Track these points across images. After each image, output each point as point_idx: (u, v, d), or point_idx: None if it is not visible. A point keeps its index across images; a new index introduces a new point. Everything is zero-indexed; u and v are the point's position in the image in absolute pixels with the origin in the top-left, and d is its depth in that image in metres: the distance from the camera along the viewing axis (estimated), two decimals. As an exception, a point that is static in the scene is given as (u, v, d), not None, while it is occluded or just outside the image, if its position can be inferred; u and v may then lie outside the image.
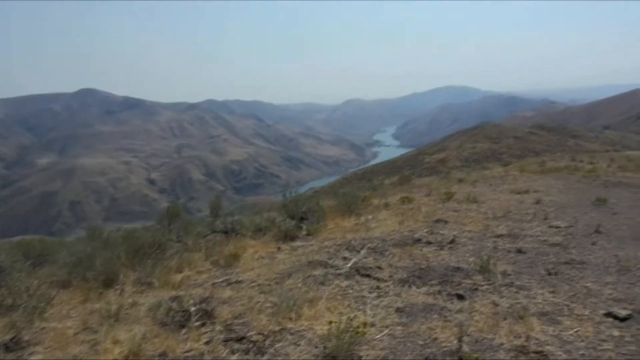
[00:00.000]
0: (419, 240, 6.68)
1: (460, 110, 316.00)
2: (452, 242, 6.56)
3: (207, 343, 3.68)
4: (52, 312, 4.72)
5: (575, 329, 3.73)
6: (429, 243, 6.56)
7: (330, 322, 3.60)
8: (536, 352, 3.35)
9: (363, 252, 6.13)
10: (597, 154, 35.19)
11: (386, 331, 3.79)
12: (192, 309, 4.18)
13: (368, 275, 5.19)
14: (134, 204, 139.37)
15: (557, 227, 7.61)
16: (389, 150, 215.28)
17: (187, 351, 3.58)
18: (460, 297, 4.46)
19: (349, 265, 5.52)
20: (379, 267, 5.48)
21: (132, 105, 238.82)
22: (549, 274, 5.16)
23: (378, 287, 4.85)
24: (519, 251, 6.09)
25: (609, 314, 4.01)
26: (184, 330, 3.91)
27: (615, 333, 3.66)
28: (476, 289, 4.68)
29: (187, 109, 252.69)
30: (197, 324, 4.00)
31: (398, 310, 4.24)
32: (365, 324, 3.72)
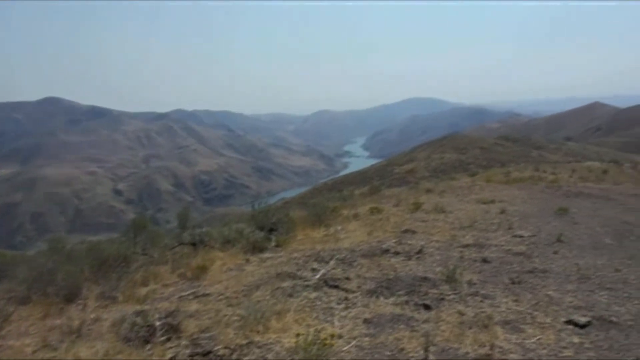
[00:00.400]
0: (387, 251, 6.74)
1: (429, 122, 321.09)
2: (419, 252, 6.64)
3: (172, 359, 3.61)
4: (9, 329, 4.55)
5: (538, 337, 3.82)
6: (397, 253, 6.62)
7: (298, 335, 3.58)
8: (500, 361, 3.41)
9: (332, 263, 6.14)
10: (560, 164, 36.21)
11: (354, 342, 3.80)
12: (157, 323, 4.10)
13: (336, 287, 5.19)
14: (100, 215, 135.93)
15: (521, 236, 7.80)
16: (359, 160, 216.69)
17: (152, 367, 3.50)
18: (427, 307, 4.51)
19: (318, 276, 5.52)
20: (348, 278, 5.49)
21: (98, 114, 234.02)
22: (513, 283, 5.27)
23: (346, 298, 4.86)
24: (485, 260, 6.21)
25: (569, 321, 4.12)
26: (148, 346, 3.82)
27: (576, 340, 3.76)
28: (443, 299, 4.75)
29: (156, 118, 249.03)
30: (162, 339, 3.92)
31: (366, 321, 4.26)
32: (333, 336, 3.71)
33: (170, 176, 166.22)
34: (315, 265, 6.11)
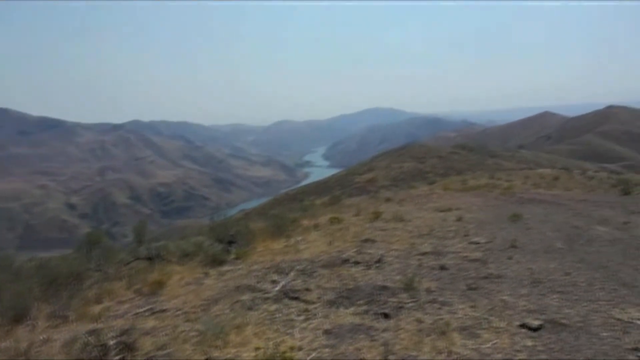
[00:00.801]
0: (347, 261, 6.77)
1: (388, 131, 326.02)
2: (379, 261, 6.70)
3: (126, 378, 3.50)
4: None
5: (493, 342, 3.90)
6: (356, 263, 6.65)
7: (257, 348, 3.55)
8: (457, 367, 3.46)
9: (292, 274, 6.12)
10: (514, 172, 37.43)
11: (314, 354, 3.78)
12: (111, 342, 3.96)
13: (296, 298, 5.17)
14: (52, 230, 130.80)
15: (477, 243, 7.99)
16: (319, 170, 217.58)
17: (105, 388, 3.38)
18: (386, 316, 4.54)
19: (278, 288, 5.48)
20: (308, 289, 5.48)
21: (50, 125, 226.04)
22: (470, 289, 5.38)
23: (306, 310, 4.84)
24: (442, 268, 6.32)
25: (523, 325, 4.23)
26: (101, 366, 3.69)
27: (529, 343, 3.87)
28: (401, 307, 4.79)
29: (111, 129, 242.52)
30: (117, 358, 3.79)
31: (326, 332, 4.25)
32: (292, 348, 3.69)
33: (126, 188, 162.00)
34: (275, 277, 6.07)
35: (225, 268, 7.03)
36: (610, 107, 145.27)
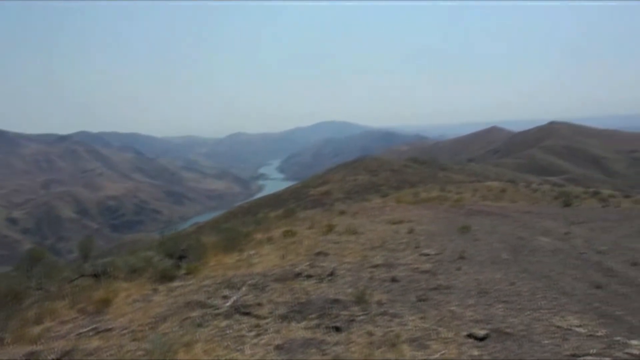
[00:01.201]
0: (299, 274, 6.75)
1: (342, 144, 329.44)
2: (331, 274, 6.72)
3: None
4: None
5: (442, 352, 3.98)
6: (309, 276, 6.65)
7: (206, 367, 3.47)
8: (406, 378, 3.51)
9: (244, 289, 6.04)
10: (463, 184, 38.57)
11: (264, 370, 3.74)
12: (51, 364, 3.79)
13: (248, 313, 5.11)
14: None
15: (428, 254, 8.16)
16: (274, 183, 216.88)
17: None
18: (338, 329, 4.55)
19: (229, 304, 5.40)
20: (259, 304, 5.42)
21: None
22: (419, 301, 5.48)
23: (258, 325, 4.78)
24: (393, 280, 6.40)
25: (470, 335, 4.34)
26: (40, 390, 3.51)
27: (475, 352, 3.97)
28: (353, 320, 4.82)
29: (57, 141, 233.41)
30: (57, 381, 3.62)
31: (277, 347, 4.21)
32: (242, 365, 3.63)
33: (73, 202, 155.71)
34: (226, 292, 5.97)
35: (175, 284, 6.86)
36: (552, 123, 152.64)
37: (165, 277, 7.14)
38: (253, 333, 4.60)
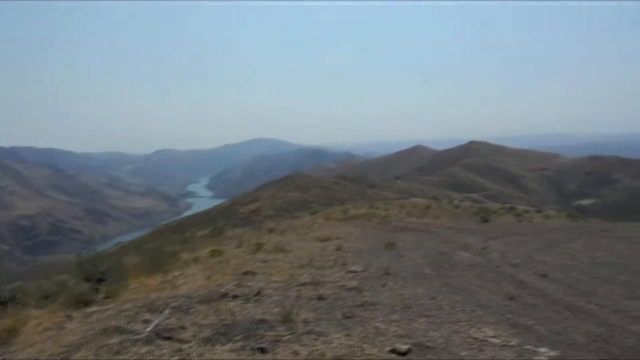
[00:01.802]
0: (225, 295, 6.61)
1: (273, 162, 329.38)
2: (258, 294, 6.64)
3: None
4: None
5: (365, 369, 4.04)
6: (235, 297, 6.53)
7: (122, 396, 3.30)
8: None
9: (166, 312, 5.83)
10: (391, 201, 39.70)
11: (185, 397, 3.61)
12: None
13: (170, 338, 4.92)
14: None
15: (354, 271, 8.28)
16: (203, 201, 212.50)
17: None
18: (263, 350, 4.49)
19: (150, 328, 5.18)
20: (183, 327, 5.24)
21: None
22: (345, 318, 5.54)
23: (180, 350, 4.62)
24: (320, 298, 6.43)
25: (393, 350, 4.44)
26: None
27: (398, 367, 4.06)
28: (279, 340, 4.78)
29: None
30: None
31: (200, 372, 4.09)
32: (162, 393, 3.49)
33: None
34: (147, 316, 5.73)
35: (92, 309, 6.49)
36: (472, 142, 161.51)
37: (81, 302, 6.73)
38: (175, 358, 4.43)
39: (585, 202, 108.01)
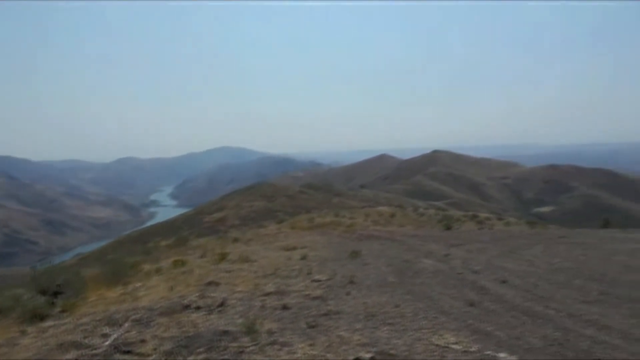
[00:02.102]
0: (188, 306, 6.51)
1: (238, 170, 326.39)
2: (221, 304, 6.56)
3: None
4: None
5: (329, 378, 4.04)
6: (198, 308, 6.43)
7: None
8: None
9: (126, 325, 5.68)
10: (356, 210, 39.90)
11: (145, 412, 3.53)
12: None
13: (129, 352, 4.80)
14: None
15: (319, 280, 8.28)
16: (166, 210, 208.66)
17: None
18: (226, 363, 4.44)
19: (108, 342, 5.04)
20: (143, 341, 5.12)
21: None
22: (310, 327, 5.53)
23: (140, 364, 4.52)
24: (284, 307, 6.40)
25: (356, 359, 4.46)
26: None
27: (361, 376, 4.08)
28: (242, 352, 4.73)
29: None
30: None
31: (160, 386, 4.01)
32: (120, 409, 3.40)
33: None
34: (106, 329, 5.57)
35: (47, 324, 6.26)
36: (435, 152, 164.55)
37: (37, 316, 6.49)
38: (134, 373, 4.34)
39: (544, 209, 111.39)
